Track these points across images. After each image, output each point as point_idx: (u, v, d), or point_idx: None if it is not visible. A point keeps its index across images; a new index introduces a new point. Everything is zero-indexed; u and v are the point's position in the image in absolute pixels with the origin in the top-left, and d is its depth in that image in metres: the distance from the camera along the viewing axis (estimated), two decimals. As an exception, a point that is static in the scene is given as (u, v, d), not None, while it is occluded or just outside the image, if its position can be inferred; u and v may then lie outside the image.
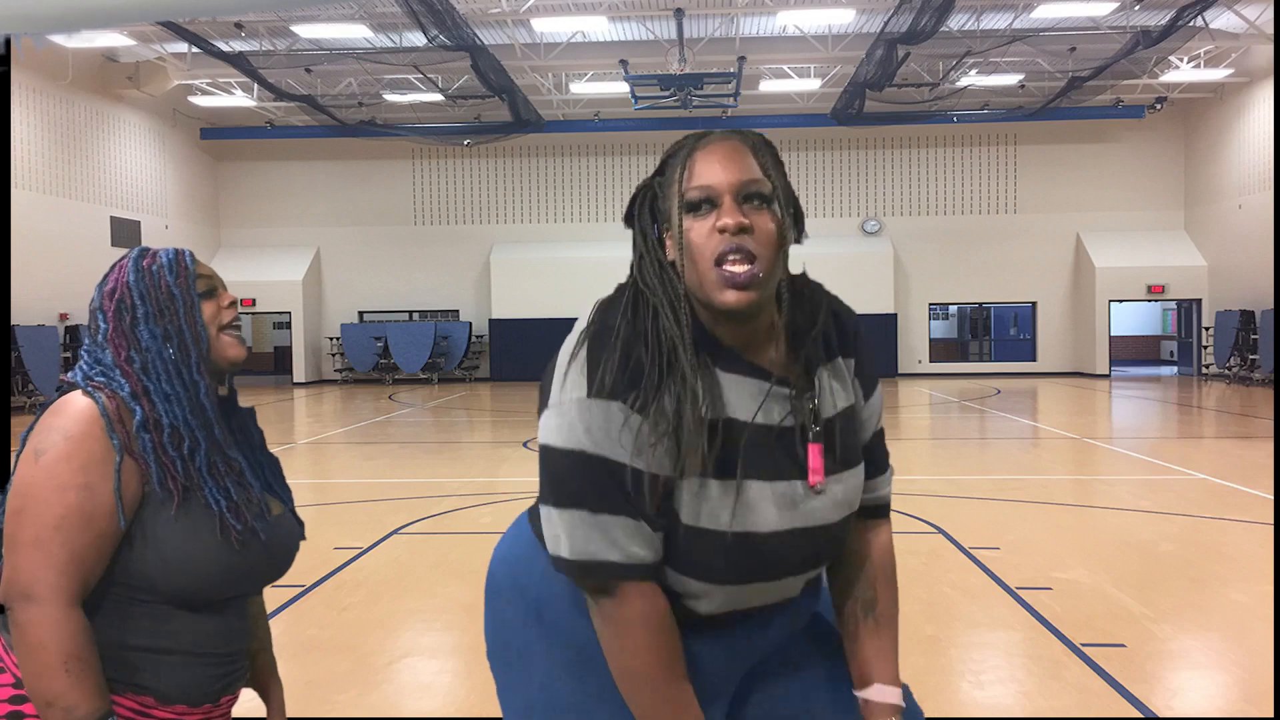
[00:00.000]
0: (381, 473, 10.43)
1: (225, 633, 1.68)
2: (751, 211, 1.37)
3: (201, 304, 1.67)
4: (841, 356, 1.54)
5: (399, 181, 26.66)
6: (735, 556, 1.41)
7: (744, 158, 1.39)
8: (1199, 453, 11.64)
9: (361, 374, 25.71)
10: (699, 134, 1.45)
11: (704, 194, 1.38)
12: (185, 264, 1.68)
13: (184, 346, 1.63)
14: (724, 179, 1.38)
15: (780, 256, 1.40)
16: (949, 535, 6.56)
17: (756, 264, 1.36)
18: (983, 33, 18.02)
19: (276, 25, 18.19)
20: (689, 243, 1.38)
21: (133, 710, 1.58)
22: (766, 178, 1.40)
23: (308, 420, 17.22)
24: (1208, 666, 4.27)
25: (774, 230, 1.38)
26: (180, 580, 1.58)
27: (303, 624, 4.89)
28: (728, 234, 1.36)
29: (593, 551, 1.37)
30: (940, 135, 25.72)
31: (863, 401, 1.58)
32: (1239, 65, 21.13)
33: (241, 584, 1.67)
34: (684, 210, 1.39)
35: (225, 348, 1.68)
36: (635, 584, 1.39)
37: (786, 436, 1.44)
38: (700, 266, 1.37)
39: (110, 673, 1.57)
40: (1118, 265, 24.64)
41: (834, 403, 1.50)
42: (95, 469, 1.52)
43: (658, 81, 19.43)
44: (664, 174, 1.44)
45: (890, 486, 1.66)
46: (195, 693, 1.63)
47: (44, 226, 18.31)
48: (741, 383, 1.42)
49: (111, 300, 1.64)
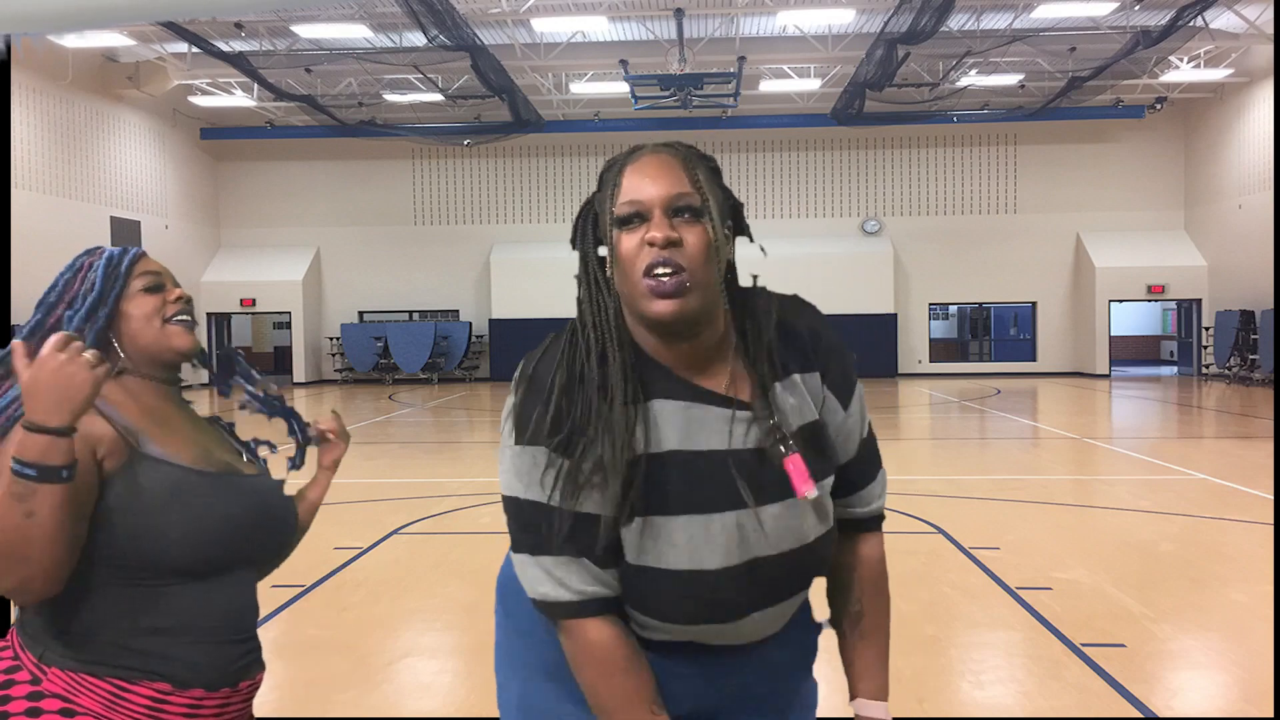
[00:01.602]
0: (381, 473, 10.43)
1: (234, 610, 1.67)
2: (682, 225, 1.37)
3: (143, 298, 1.71)
4: (801, 372, 1.46)
5: (399, 181, 26.65)
6: (680, 597, 1.38)
7: (674, 172, 1.39)
8: (1199, 453, 11.64)
9: (361, 374, 25.71)
10: (633, 149, 1.45)
11: (634, 208, 1.38)
12: (120, 261, 1.72)
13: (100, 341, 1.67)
14: (653, 193, 1.37)
15: (713, 268, 1.38)
16: (949, 535, 6.56)
17: (685, 274, 1.35)
18: (983, 33, 18.01)
19: (276, 25, 18.19)
20: (620, 256, 1.38)
21: (150, 700, 1.58)
22: (697, 191, 1.39)
23: (307, 420, 17.21)
24: (1208, 666, 4.27)
25: (704, 243, 1.37)
26: (166, 549, 1.58)
27: (303, 624, 4.89)
28: (656, 247, 1.35)
29: (543, 592, 1.41)
30: (940, 135, 25.71)
31: (842, 411, 1.51)
32: (1239, 65, 21.12)
33: (232, 548, 1.66)
34: (615, 225, 1.39)
35: (170, 337, 1.71)
36: (591, 620, 1.40)
37: (747, 460, 1.40)
38: (631, 279, 1.37)
39: (122, 662, 1.57)
40: (1118, 265, 24.64)
41: (794, 420, 1.44)
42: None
43: (658, 81, 19.44)
44: (600, 190, 1.45)
45: (884, 496, 1.60)
46: (211, 675, 1.63)
47: (44, 226, 18.30)
48: (686, 409, 1.40)
49: (44, 293, 1.71)
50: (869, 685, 1.56)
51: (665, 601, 1.39)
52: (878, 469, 1.59)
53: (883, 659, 1.58)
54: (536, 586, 1.41)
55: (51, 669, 1.57)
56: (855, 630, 1.57)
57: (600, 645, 1.40)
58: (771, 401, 1.42)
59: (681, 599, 1.38)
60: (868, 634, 1.57)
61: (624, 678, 1.40)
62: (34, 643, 1.60)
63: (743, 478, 1.39)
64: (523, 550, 1.42)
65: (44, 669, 1.57)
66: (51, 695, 1.56)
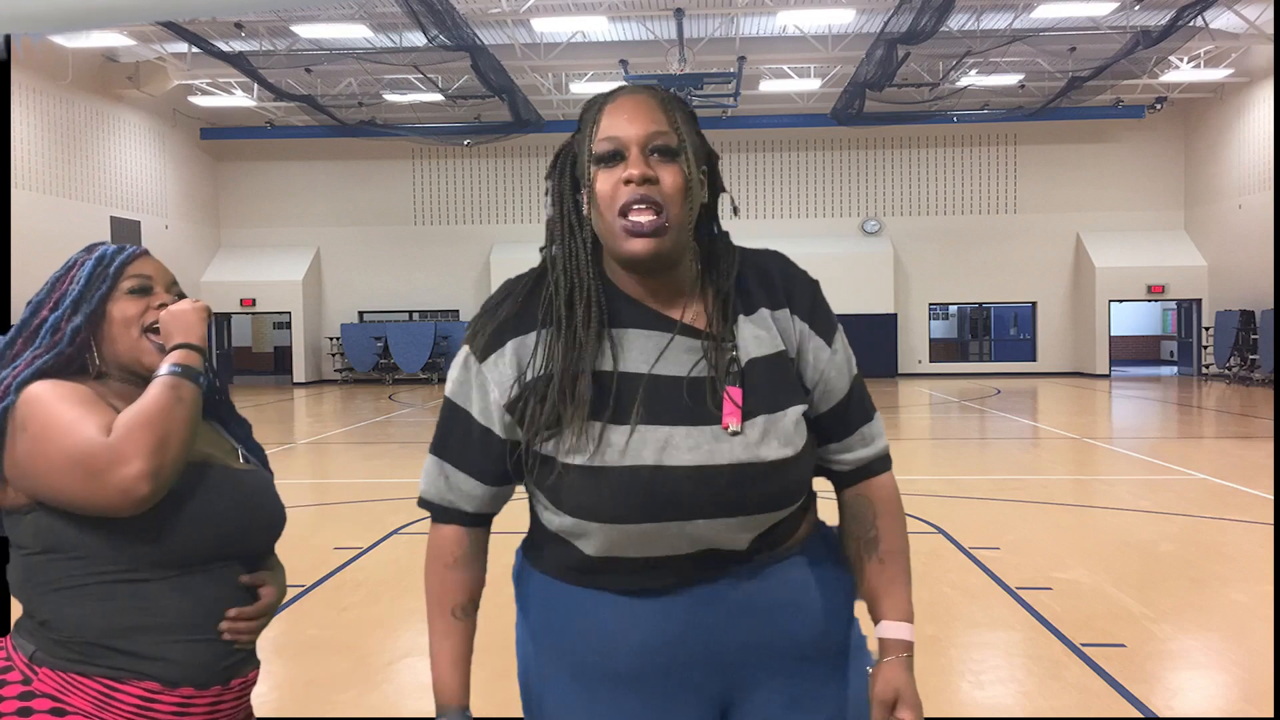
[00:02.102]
0: (381, 473, 10.43)
1: (222, 607, 1.65)
2: (658, 164, 1.41)
3: (127, 301, 1.69)
4: (770, 308, 1.51)
5: (399, 181, 26.65)
6: (626, 491, 1.41)
7: (652, 111, 1.43)
8: (1199, 453, 11.64)
9: (361, 374, 25.71)
10: (613, 89, 1.49)
11: (612, 145, 1.41)
12: (111, 261, 1.70)
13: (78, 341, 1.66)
14: (631, 131, 1.41)
15: (687, 209, 1.42)
16: (949, 535, 6.56)
17: (662, 215, 1.39)
18: (983, 33, 18.01)
19: (276, 25, 18.19)
20: (597, 194, 1.42)
21: (139, 699, 1.58)
22: (674, 131, 1.43)
23: (308, 420, 17.22)
24: (1208, 666, 4.27)
25: (680, 182, 1.41)
26: (154, 542, 1.58)
27: (303, 624, 4.89)
28: (633, 184, 1.39)
29: (426, 490, 1.56)
30: (940, 135, 25.71)
31: (827, 349, 1.52)
32: (1239, 65, 21.12)
33: (221, 540, 1.65)
34: (593, 163, 1.43)
35: (142, 352, 1.68)
36: (445, 526, 1.55)
37: (698, 385, 1.45)
38: (607, 217, 1.41)
39: (109, 662, 1.57)
40: (1118, 265, 24.64)
41: (754, 350, 1.48)
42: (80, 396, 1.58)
43: (658, 81, 19.41)
44: (579, 131, 1.48)
45: (877, 443, 1.58)
46: (200, 673, 1.62)
47: (44, 226, 18.29)
48: (649, 336, 1.46)
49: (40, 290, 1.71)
50: (890, 605, 1.54)
51: (614, 499, 1.41)
52: (867, 416, 1.58)
53: (903, 580, 1.56)
54: (426, 485, 1.55)
55: (42, 669, 1.57)
56: (873, 555, 1.56)
57: (440, 541, 1.55)
58: (735, 332, 1.47)
59: (627, 493, 1.41)
60: (885, 557, 1.55)
61: (446, 572, 1.54)
62: (25, 642, 1.60)
63: (693, 400, 1.44)
64: (434, 453, 1.54)
65: (35, 669, 1.57)
66: (42, 695, 1.56)
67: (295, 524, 1.91)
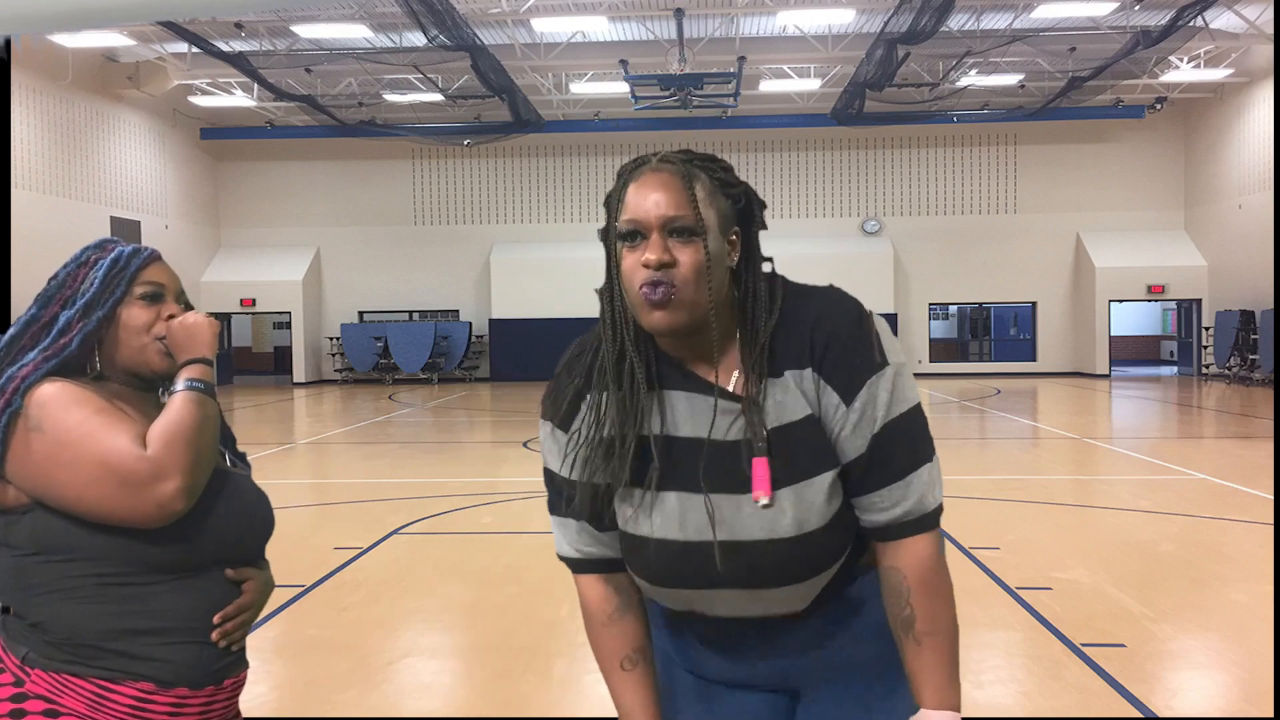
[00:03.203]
0: (381, 473, 10.43)
1: (216, 608, 1.66)
2: (676, 245, 1.44)
3: (139, 308, 1.69)
4: (795, 369, 1.48)
5: (399, 181, 26.65)
6: (655, 561, 1.51)
7: (672, 192, 1.44)
8: (1199, 453, 11.64)
9: (361, 374, 25.71)
10: (637, 161, 1.51)
11: (633, 226, 1.45)
12: (127, 265, 1.69)
13: (88, 343, 1.66)
14: (651, 214, 1.44)
15: (703, 285, 1.44)
16: (949, 535, 6.56)
17: (676, 289, 1.43)
18: (983, 33, 18.01)
19: (276, 25, 18.19)
20: (622, 270, 1.47)
21: (133, 700, 1.58)
22: (693, 210, 1.44)
23: (308, 420, 17.22)
24: (1208, 666, 4.27)
25: (696, 263, 1.44)
26: (146, 546, 1.58)
27: (303, 624, 4.89)
28: (650, 268, 1.44)
29: (560, 548, 1.64)
30: (940, 135, 25.71)
31: (843, 406, 1.47)
32: (1239, 65, 21.12)
33: (213, 544, 1.65)
34: (619, 240, 1.48)
35: (150, 355, 1.70)
36: (585, 577, 1.62)
37: (734, 451, 1.47)
38: (630, 294, 1.47)
39: (106, 662, 1.57)
40: (1118, 265, 24.64)
41: (780, 415, 1.47)
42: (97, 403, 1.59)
43: (658, 81, 19.43)
44: (608, 201, 1.53)
45: (903, 505, 1.49)
46: (194, 674, 1.62)
47: (44, 226, 18.29)
48: (690, 399, 1.51)
49: (45, 286, 1.70)
50: (930, 694, 1.47)
51: (646, 564, 1.53)
52: (901, 472, 1.50)
53: (943, 664, 1.48)
54: (557, 544, 1.65)
55: (35, 670, 1.57)
56: (909, 636, 1.49)
57: (589, 599, 1.62)
58: (762, 396, 1.48)
59: (656, 563, 1.51)
60: (921, 639, 1.48)
61: (602, 630, 1.60)
62: (17, 644, 1.59)
63: (716, 466, 1.48)
64: (550, 511, 1.65)
65: (28, 670, 1.57)
66: (35, 696, 1.56)
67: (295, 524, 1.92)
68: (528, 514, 7.82)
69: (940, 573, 1.51)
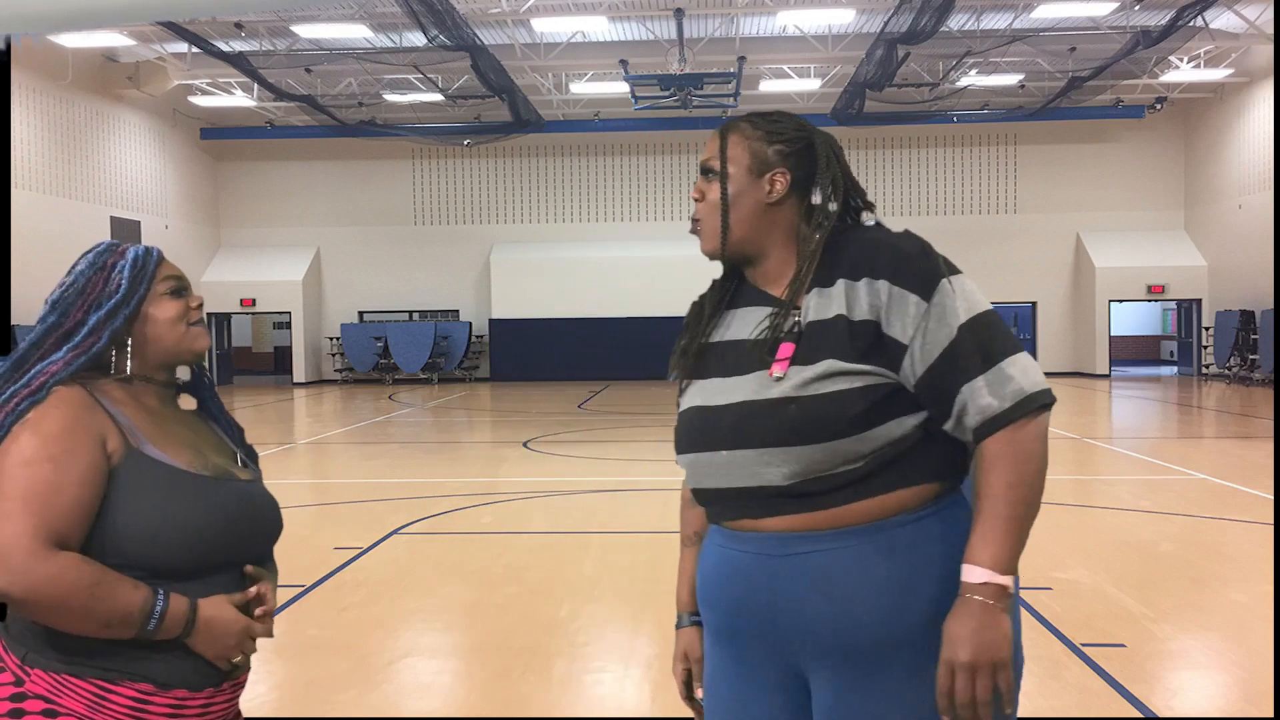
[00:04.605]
0: (381, 473, 10.43)
1: None
2: (703, 183, 1.73)
3: (168, 302, 1.73)
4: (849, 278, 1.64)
5: (399, 181, 26.65)
6: (680, 430, 1.74)
7: (712, 142, 1.74)
8: (1199, 453, 11.65)
9: (361, 374, 25.71)
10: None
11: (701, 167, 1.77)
12: (146, 264, 1.72)
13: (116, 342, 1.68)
14: (702, 158, 1.76)
15: (725, 215, 1.69)
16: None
17: (701, 220, 1.73)
18: (983, 33, 18.01)
19: (276, 25, 18.19)
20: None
21: (133, 700, 1.58)
22: (720, 155, 1.70)
23: (308, 420, 17.22)
24: (1208, 666, 4.27)
25: (714, 198, 1.70)
26: (156, 549, 1.58)
27: (303, 624, 4.89)
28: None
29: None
30: (940, 135, 25.71)
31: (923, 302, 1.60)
32: (1239, 65, 21.12)
33: (222, 550, 1.67)
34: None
35: (193, 339, 1.76)
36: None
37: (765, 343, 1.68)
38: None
39: (105, 663, 1.57)
40: (1118, 265, 24.64)
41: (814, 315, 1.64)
42: (60, 442, 1.55)
43: (658, 81, 19.43)
44: None
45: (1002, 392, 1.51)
46: (194, 676, 1.63)
47: (44, 226, 18.30)
48: (751, 311, 1.72)
49: (61, 290, 1.70)
50: (976, 551, 1.48)
51: (677, 436, 1.75)
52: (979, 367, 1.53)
53: (992, 524, 1.49)
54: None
55: (35, 670, 1.57)
56: (978, 502, 1.52)
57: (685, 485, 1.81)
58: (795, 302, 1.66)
59: (680, 432, 1.74)
60: (984, 504, 1.51)
61: (683, 510, 1.90)
62: (17, 644, 1.59)
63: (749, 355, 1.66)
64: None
65: (27, 670, 1.57)
66: (34, 696, 1.56)
67: (295, 524, 1.93)
68: (528, 514, 7.82)
69: (1026, 452, 1.52)
